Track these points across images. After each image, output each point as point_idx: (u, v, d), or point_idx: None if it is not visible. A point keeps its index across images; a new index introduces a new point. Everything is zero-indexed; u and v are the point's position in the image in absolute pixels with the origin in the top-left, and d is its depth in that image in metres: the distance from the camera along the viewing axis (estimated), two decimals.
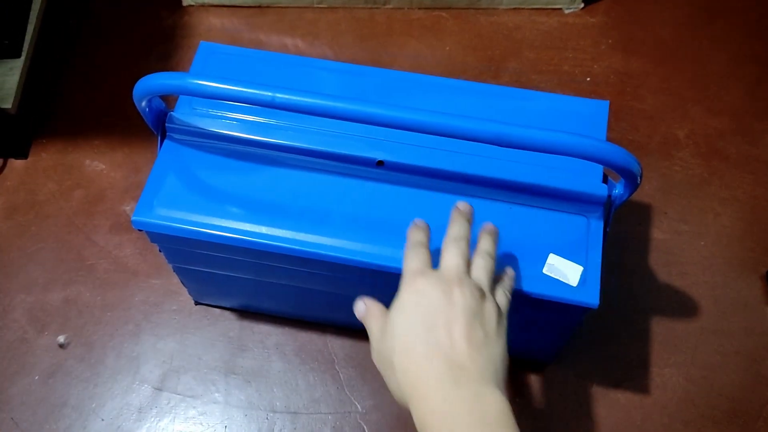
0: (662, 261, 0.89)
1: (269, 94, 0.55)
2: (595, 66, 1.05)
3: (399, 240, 0.62)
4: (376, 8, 1.09)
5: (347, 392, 0.81)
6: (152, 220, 0.64)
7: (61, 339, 0.83)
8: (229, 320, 0.85)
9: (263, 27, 1.07)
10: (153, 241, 0.68)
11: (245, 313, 0.85)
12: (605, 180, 0.66)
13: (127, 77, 1.02)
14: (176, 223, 0.64)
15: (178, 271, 0.77)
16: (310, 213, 0.65)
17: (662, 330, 0.84)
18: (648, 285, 0.87)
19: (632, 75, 1.04)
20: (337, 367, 0.82)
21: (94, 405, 0.80)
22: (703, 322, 0.85)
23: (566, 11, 1.10)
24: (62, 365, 0.82)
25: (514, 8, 1.09)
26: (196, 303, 0.85)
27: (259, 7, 1.09)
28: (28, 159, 0.95)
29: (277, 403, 0.80)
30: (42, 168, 0.95)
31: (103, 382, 0.81)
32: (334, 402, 0.80)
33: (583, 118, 0.70)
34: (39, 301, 0.85)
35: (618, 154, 0.54)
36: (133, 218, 0.63)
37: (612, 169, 0.56)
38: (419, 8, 1.09)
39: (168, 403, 0.80)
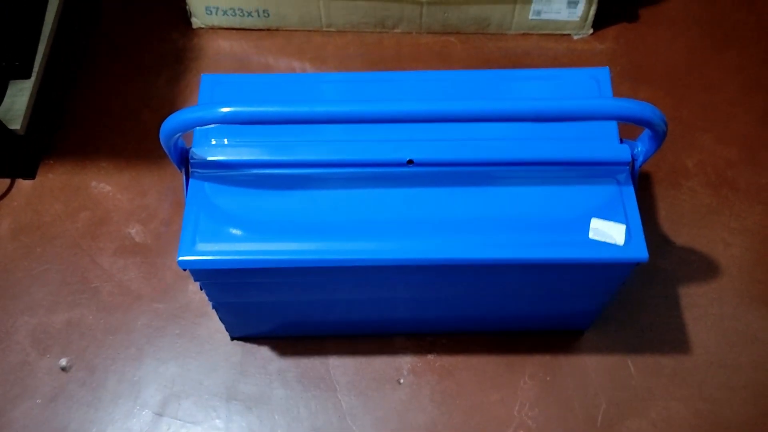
0: (670, 292, 0.88)
1: (307, 108, 0.56)
2: None
3: (442, 234, 0.65)
4: (385, 32, 1.10)
5: (349, 421, 0.80)
6: (198, 258, 0.64)
7: (63, 362, 0.83)
8: (231, 345, 0.84)
9: (272, 50, 1.08)
10: (197, 279, 0.69)
11: (247, 338, 0.85)
12: (621, 141, 0.69)
13: (136, 99, 1.03)
14: (223, 256, 0.64)
15: (218, 307, 0.76)
16: (350, 221, 0.65)
17: (669, 362, 0.83)
18: (655, 316, 0.86)
19: None
20: (339, 395, 0.81)
21: (94, 430, 0.79)
22: (710, 356, 0.84)
23: (575, 37, 1.09)
24: (64, 389, 0.81)
25: (523, 33, 1.09)
26: (233, 338, 0.85)
27: (268, 30, 1.09)
28: (36, 179, 0.96)
29: (279, 431, 0.79)
30: (49, 189, 0.95)
31: (104, 406, 0.80)
32: (335, 431, 0.79)
33: (590, 87, 0.73)
34: (42, 324, 0.85)
35: (646, 108, 0.57)
36: (179, 259, 0.63)
37: (640, 125, 0.59)
38: (428, 33, 1.09)
39: (168, 428, 0.80)
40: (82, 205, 0.94)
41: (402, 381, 0.82)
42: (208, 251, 0.64)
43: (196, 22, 1.09)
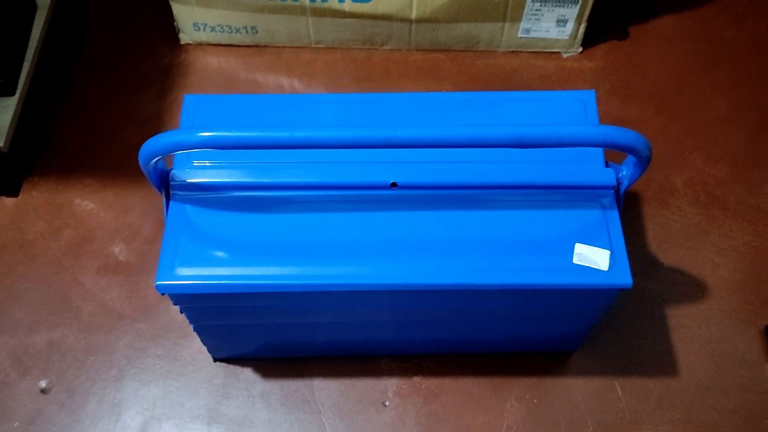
0: (657, 313, 0.87)
1: (287, 134, 0.55)
2: None
3: (426, 258, 0.64)
4: (374, 49, 1.09)
5: None
6: (177, 282, 0.63)
7: (43, 384, 0.82)
8: (214, 367, 0.83)
9: (260, 67, 1.07)
10: (176, 303, 0.68)
11: (231, 359, 0.84)
12: (607, 165, 0.68)
13: (121, 116, 1.03)
14: (202, 281, 0.63)
15: (199, 330, 0.75)
16: (333, 246, 0.64)
17: (657, 386, 0.82)
18: (643, 338, 0.85)
19: (630, 121, 1.03)
20: (323, 418, 0.80)
21: None
22: (699, 378, 0.83)
23: (564, 55, 1.09)
24: (43, 411, 0.80)
25: (512, 51, 1.09)
26: (215, 360, 0.84)
27: (257, 46, 1.09)
28: (19, 197, 0.95)
29: None
30: (32, 206, 0.94)
31: (84, 429, 0.79)
32: None
33: (576, 109, 0.73)
34: (23, 344, 0.84)
35: (629, 136, 0.56)
36: (157, 283, 0.63)
37: (624, 151, 0.58)
38: (417, 50, 1.09)
39: None
40: (65, 223, 0.93)
41: (387, 403, 0.81)
42: (187, 275, 0.63)
43: (184, 38, 1.08)
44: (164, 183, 0.67)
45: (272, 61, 1.08)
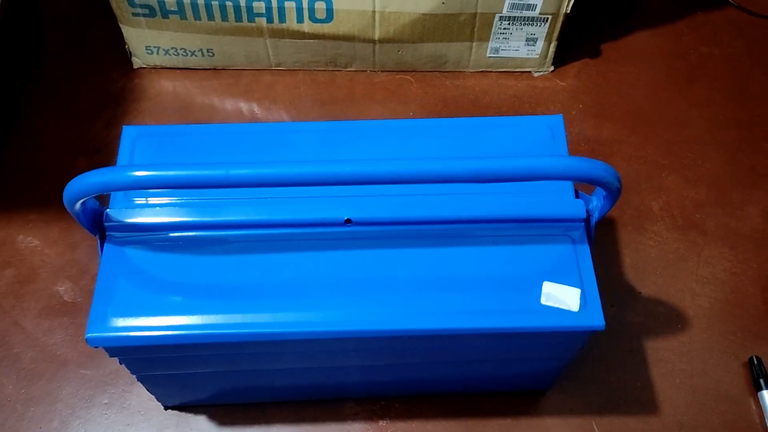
0: (636, 346, 0.82)
1: (222, 172, 0.50)
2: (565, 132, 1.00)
3: (384, 302, 0.59)
4: (338, 71, 1.05)
5: None
6: (109, 334, 0.57)
7: None
8: (165, 415, 0.78)
9: (217, 90, 1.02)
10: (112, 355, 0.62)
11: (183, 407, 0.78)
12: (577, 195, 0.64)
13: (70, 145, 0.97)
14: (137, 332, 0.57)
15: (143, 380, 0.70)
16: (284, 289, 0.60)
17: (637, 424, 0.78)
18: (621, 373, 0.81)
19: (604, 142, 0.99)
20: None
21: None
22: (681, 416, 0.78)
23: (535, 74, 1.05)
24: None
25: (481, 71, 1.05)
26: (166, 408, 0.78)
27: (214, 69, 1.04)
28: None
29: None
30: None
31: None
32: None
33: (543, 135, 0.69)
34: None
35: (597, 167, 0.52)
36: (87, 336, 0.57)
37: (592, 184, 0.54)
38: (382, 71, 1.05)
39: None
40: (7, 261, 0.87)
41: None
42: (122, 327, 0.57)
43: (137, 61, 1.03)
44: (98, 224, 0.61)
45: (230, 85, 1.03)
